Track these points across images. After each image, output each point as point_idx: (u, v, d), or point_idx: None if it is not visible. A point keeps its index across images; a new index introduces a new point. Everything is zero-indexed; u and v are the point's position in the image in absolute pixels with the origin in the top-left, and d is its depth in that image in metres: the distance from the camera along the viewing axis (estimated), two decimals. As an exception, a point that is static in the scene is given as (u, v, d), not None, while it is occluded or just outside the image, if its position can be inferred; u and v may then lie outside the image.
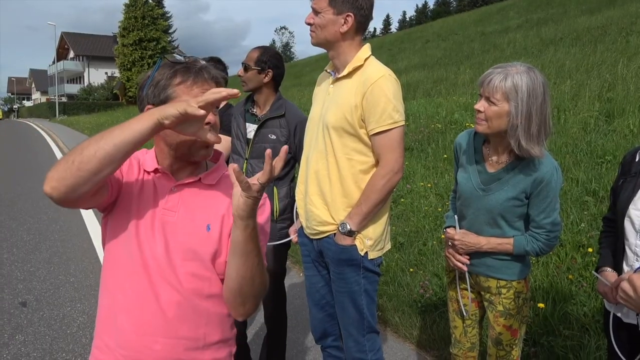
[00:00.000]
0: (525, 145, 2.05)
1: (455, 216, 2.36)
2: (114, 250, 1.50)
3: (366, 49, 2.36)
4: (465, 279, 2.36)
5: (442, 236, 2.57)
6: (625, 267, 1.98)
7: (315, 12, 2.31)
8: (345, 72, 2.34)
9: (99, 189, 1.35)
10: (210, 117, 1.40)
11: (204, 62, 1.49)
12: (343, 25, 2.29)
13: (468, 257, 2.30)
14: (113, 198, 1.48)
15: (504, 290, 2.25)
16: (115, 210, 1.50)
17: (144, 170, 1.53)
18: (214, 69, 1.49)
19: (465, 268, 2.31)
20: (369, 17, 2.35)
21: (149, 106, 1.45)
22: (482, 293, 2.35)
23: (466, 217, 2.31)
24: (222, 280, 1.50)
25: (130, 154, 1.30)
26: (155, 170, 1.52)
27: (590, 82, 8.04)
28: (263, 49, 3.01)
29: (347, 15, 2.28)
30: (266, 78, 2.96)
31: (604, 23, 14.15)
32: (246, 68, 2.98)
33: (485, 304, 2.34)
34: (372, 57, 2.36)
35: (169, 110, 1.26)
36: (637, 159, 1.99)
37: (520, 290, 2.25)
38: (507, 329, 2.25)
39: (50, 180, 1.26)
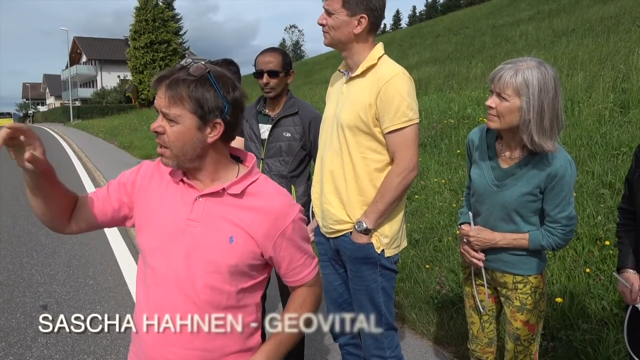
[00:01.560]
0: (538, 140, 2.04)
1: (470, 213, 2.36)
2: (140, 261, 1.56)
3: (379, 48, 2.37)
4: (481, 274, 2.37)
5: (457, 232, 2.57)
6: None
7: (329, 13, 2.31)
8: (358, 72, 2.35)
9: (91, 219, 1.57)
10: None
11: (185, 64, 1.45)
12: (357, 26, 2.29)
13: (483, 253, 2.31)
14: (120, 216, 1.58)
15: (520, 286, 2.25)
16: (139, 222, 1.55)
17: (172, 179, 1.55)
18: (169, 75, 1.43)
19: (480, 264, 2.31)
20: (381, 17, 2.36)
21: None
22: (499, 289, 2.35)
23: (481, 214, 2.31)
24: (238, 292, 1.51)
25: (46, 192, 1.46)
26: (182, 180, 1.53)
27: (604, 73, 7.96)
28: (281, 52, 3.01)
29: (361, 17, 2.28)
30: (290, 79, 2.99)
31: (616, 12, 13.98)
32: (274, 74, 2.92)
33: (502, 299, 2.34)
34: (385, 56, 2.37)
35: None
36: None
37: (536, 285, 2.25)
38: (525, 324, 2.26)
39: None
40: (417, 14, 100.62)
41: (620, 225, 2.23)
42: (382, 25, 2.41)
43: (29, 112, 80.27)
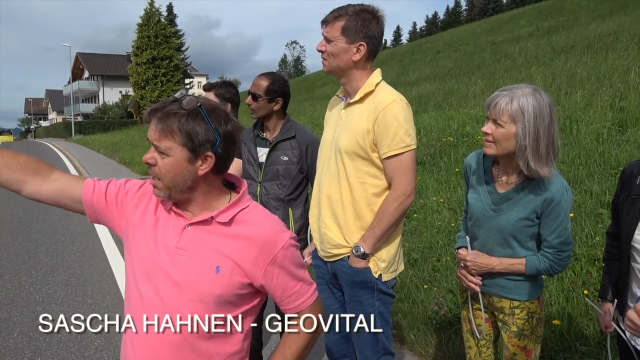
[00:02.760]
0: (534, 166, 2.06)
1: (467, 237, 2.37)
2: (129, 284, 1.55)
3: (377, 74, 2.40)
4: (478, 299, 2.37)
5: (455, 252, 2.59)
6: (634, 288, 2.01)
7: (328, 40, 2.34)
8: (357, 98, 2.37)
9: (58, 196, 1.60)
10: None
11: (178, 97, 1.47)
12: (355, 54, 2.32)
13: (480, 277, 2.31)
14: (103, 216, 1.61)
15: (517, 311, 2.25)
16: (131, 240, 1.55)
17: (163, 208, 1.57)
18: (161, 108, 1.45)
19: (477, 289, 2.31)
20: (379, 45, 2.39)
21: None
22: (496, 313, 2.35)
23: (478, 238, 2.32)
24: (223, 320, 1.51)
25: None
26: (170, 210, 1.55)
27: (602, 91, 8.00)
28: (271, 78, 3.03)
29: (360, 45, 2.31)
30: (277, 106, 3.00)
31: (615, 30, 14.09)
32: (255, 97, 2.99)
33: (499, 324, 2.34)
34: (383, 82, 2.40)
35: None
36: (637, 182, 1.99)
37: (533, 310, 2.25)
38: (522, 349, 2.25)
39: None
40: (418, 30, 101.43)
41: (607, 253, 2.26)
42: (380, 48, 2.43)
43: (31, 127, 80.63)
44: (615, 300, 2.12)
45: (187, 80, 49.37)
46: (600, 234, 4.33)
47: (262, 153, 3.03)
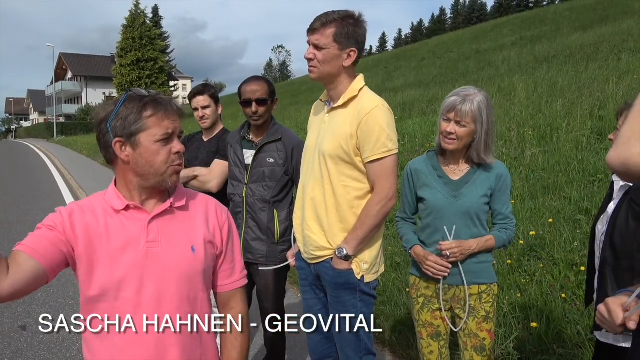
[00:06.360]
0: (483, 155, 2.39)
1: (445, 227, 2.43)
2: (93, 305, 1.53)
3: (360, 79, 2.45)
4: (439, 297, 2.47)
5: (409, 253, 2.71)
6: (595, 280, 2.15)
7: (318, 47, 2.38)
8: (340, 103, 2.42)
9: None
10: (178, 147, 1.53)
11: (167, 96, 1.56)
12: (346, 59, 2.38)
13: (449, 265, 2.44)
14: (67, 261, 1.51)
15: (484, 295, 2.44)
16: (85, 265, 1.49)
17: (113, 210, 1.54)
18: (177, 104, 1.58)
19: (447, 271, 2.43)
20: (363, 50, 2.45)
21: (118, 139, 1.50)
22: (463, 302, 2.45)
23: (440, 229, 2.43)
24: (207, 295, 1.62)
25: None
26: (127, 207, 1.54)
27: (582, 101, 8.16)
28: (266, 80, 3.10)
29: (351, 50, 2.37)
30: (275, 106, 3.09)
31: (596, 40, 14.36)
32: (262, 102, 3.00)
33: (463, 315, 2.46)
34: (366, 88, 2.45)
35: None
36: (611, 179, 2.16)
37: (496, 293, 2.48)
38: (489, 332, 2.43)
39: None
40: (403, 36, 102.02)
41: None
42: (366, 45, 2.51)
43: (12, 127, 79.59)
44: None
45: (171, 83, 49.14)
46: (578, 240, 4.43)
47: (249, 155, 3.07)
